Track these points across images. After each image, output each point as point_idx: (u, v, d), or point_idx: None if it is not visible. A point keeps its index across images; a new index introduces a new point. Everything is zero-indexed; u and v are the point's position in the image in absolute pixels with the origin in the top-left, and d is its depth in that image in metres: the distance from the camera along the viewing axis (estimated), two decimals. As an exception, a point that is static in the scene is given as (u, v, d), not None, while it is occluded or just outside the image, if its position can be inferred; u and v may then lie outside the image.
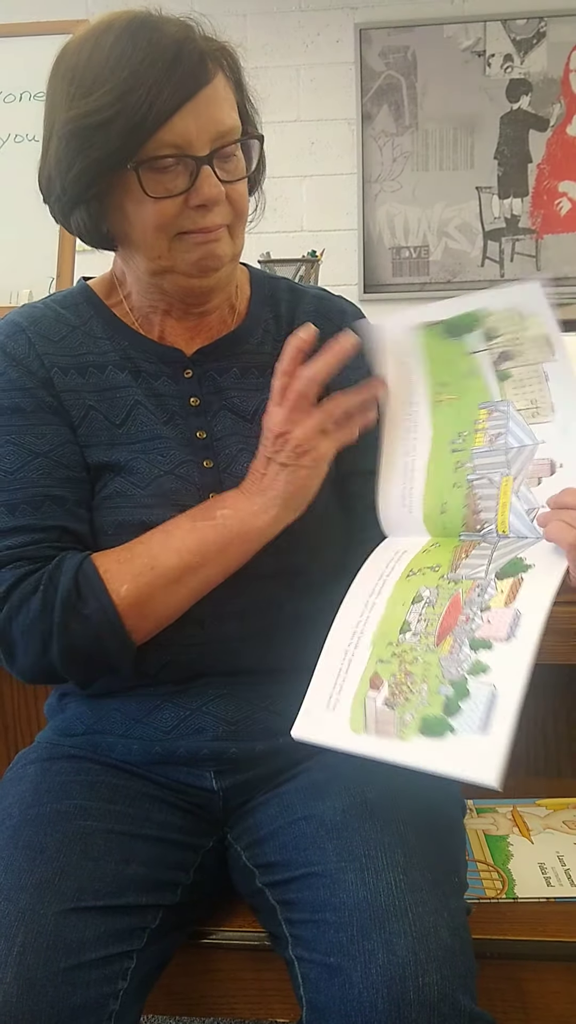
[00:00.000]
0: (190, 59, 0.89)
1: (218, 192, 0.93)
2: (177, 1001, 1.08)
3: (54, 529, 0.97)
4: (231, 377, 1.05)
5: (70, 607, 0.92)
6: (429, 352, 0.97)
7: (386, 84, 3.68)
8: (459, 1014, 0.80)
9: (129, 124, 0.88)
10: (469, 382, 0.94)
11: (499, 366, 0.92)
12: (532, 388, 0.91)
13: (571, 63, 3.59)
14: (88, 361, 1.02)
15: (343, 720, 0.86)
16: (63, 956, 0.84)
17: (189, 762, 1.03)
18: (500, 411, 0.92)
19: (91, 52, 0.90)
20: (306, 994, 0.85)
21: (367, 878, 0.86)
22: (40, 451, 0.98)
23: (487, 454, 0.92)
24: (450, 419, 0.95)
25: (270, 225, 4.45)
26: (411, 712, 0.82)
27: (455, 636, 0.84)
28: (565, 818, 1.25)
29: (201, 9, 0.97)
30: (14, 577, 0.94)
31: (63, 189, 0.94)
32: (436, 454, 0.96)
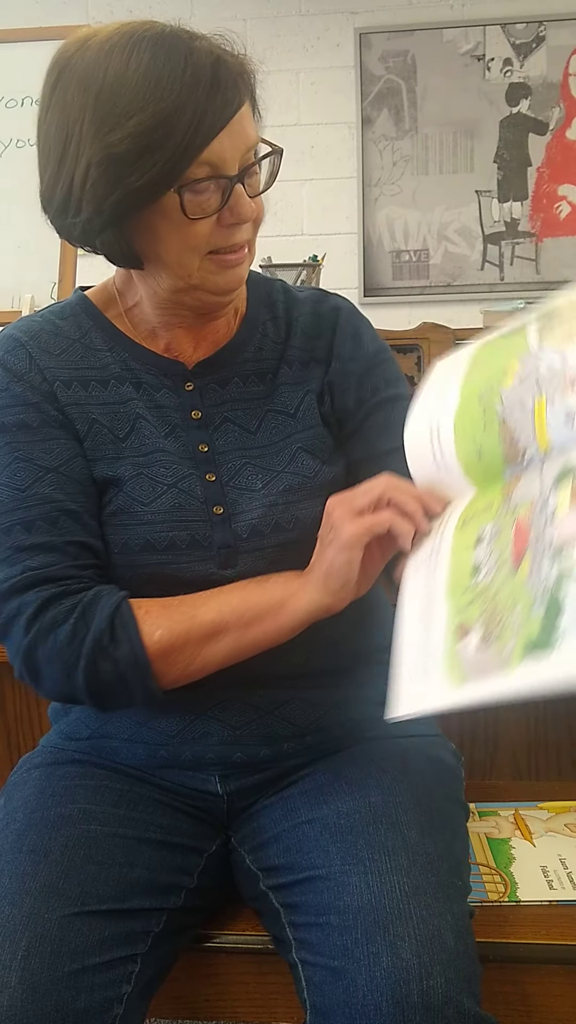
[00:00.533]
0: (227, 80, 0.88)
1: (251, 210, 0.94)
2: (180, 1005, 1.08)
3: (73, 545, 0.96)
4: (233, 388, 1.04)
5: (101, 648, 0.90)
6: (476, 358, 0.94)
7: (386, 88, 3.69)
8: (463, 1017, 0.80)
9: (178, 149, 0.87)
10: (507, 346, 0.91)
11: (544, 328, 0.88)
12: (571, 325, 0.87)
13: (570, 67, 3.60)
14: (90, 375, 1.01)
15: (439, 680, 0.80)
16: (67, 960, 0.84)
17: (194, 767, 1.03)
18: (532, 355, 0.88)
19: (122, 70, 0.87)
20: (310, 997, 0.86)
21: (371, 881, 0.86)
22: (51, 466, 0.97)
23: (516, 389, 0.88)
24: (480, 379, 0.92)
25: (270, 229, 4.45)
26: (511, 640, 0.76)
27: (531, 555, 0.79)
28: (567, 821, 1.26)
29: (201, 14, 0.98)
30: (40, 600, 0.92)
31: (96, 212, 0.90)
32: (464, 405, 0.92)
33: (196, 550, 0.98)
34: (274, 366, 1.06)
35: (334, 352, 1.07)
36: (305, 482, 1.01)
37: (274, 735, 1.02)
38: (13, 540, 0.94)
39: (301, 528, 0.99)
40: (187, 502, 0.99)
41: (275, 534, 0.99)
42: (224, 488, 1.00)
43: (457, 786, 1.07)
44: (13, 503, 0.95)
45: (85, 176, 0.89)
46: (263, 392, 1.04)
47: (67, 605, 0.92)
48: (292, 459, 1.02)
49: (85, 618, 0.91)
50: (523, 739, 1.49)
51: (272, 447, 1.02)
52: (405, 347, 1.83)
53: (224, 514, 0.99)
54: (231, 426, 1.03)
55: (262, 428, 1.03)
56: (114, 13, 3.48)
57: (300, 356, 1.06)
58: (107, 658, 0.91)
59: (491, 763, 1.50)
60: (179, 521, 0.98)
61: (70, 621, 0.91)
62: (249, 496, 1.00)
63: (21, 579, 0.93)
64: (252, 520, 0.98)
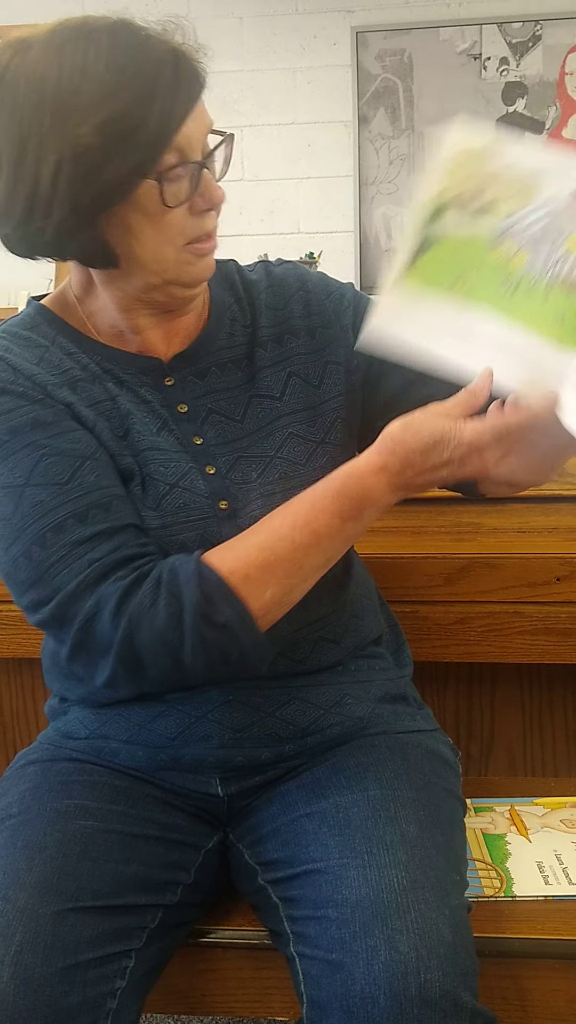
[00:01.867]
0: (188, 64, 0.88)
1: (220, 194, 0.93)
2: (176, 1000, 1.08)
3: (130, 528, 0.92)
4: (212, 378, 1.02)
5: (203, 617, 0.87)
6: (422, 285, 0.93)
7: (382, 87, 3.68)
8: (460, 1011, 0.80)
9: (152, 136, 0.85)
10: (468, 250, 0.91)
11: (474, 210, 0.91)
12: (508, 188, 0.89)
13: (567, 66, 3.60)
14: (74, 375, 0.98)
15: None
16: (61, 956, 0.84)
17: (194, 769, 1.03)
18: (508, 228, 0.90)
19: (80, 64, 0.84)
20: (307, 990, 0.86)
21: (369, 875, 0.86)
22: (85, 454, 0.93)
23: (536, 257, 0.89)
24: (485, 286, 0.91)
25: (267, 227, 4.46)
26: None
27: None
28: (562, 817, 1.26)
29: (199, 12, 0.98)
30: (119, 591, 0.88)
31: (73, 211, 0.86)
32: (507, 310, 0.91)
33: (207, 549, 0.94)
34: (248, 350, 1.04)
35: (321, 320, 1.05)
36: (298, 469, 1.00)
37: (275, 737, 1.02)
38: (68, 536, 0.89)
39: None
40: (193, 500, 0.97)
41: None
42: (225, 481, 0.99)
43: (455, 781, 1.07)
44: (58, 498, 0.90)
45: (56, 174, 0.85)
46: (243, 379, 1.03)
47: (148, 588, 0.88)
48: (283, 444, 1.01)
49: (174, 595, 0.87)
50: (519, 735, 1.49)
51: (260, 432, 1.01)
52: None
53: (229, 509, 0.98)
54: (217, 417, 1.01)
55: (248, 415, 1.01)
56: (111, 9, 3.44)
57: (272, 334, 1.04)
58: (212, 626, 0.87)
59: (487, 759, 1.50)
60: (187, 522, 0.96)
61: (160, 604, 0.87)
62: (247, 488, 0.99)
63: (89, 573, 0.88)
64: (254, 513, 0.97)
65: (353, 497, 0.90)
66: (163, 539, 0.95)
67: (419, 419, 0.89)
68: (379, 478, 0.90)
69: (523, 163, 0.89)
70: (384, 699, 1.09)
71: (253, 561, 0.89)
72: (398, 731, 1.07)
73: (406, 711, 1.10)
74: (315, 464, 1.01)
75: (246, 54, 3.74)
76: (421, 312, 0.93)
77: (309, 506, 0.91)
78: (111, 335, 1.01)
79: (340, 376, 1.04)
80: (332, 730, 1.04)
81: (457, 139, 0.92)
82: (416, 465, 0.88)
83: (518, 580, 1.32)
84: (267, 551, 0.90)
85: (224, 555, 0.90)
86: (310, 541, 0.90)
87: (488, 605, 1.33)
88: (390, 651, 1.15)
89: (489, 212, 0.90)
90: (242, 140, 3.76)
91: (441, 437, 0.87)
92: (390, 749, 1.03)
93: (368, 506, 0.91)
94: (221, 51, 4.08)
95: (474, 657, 1.36)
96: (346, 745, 1.04)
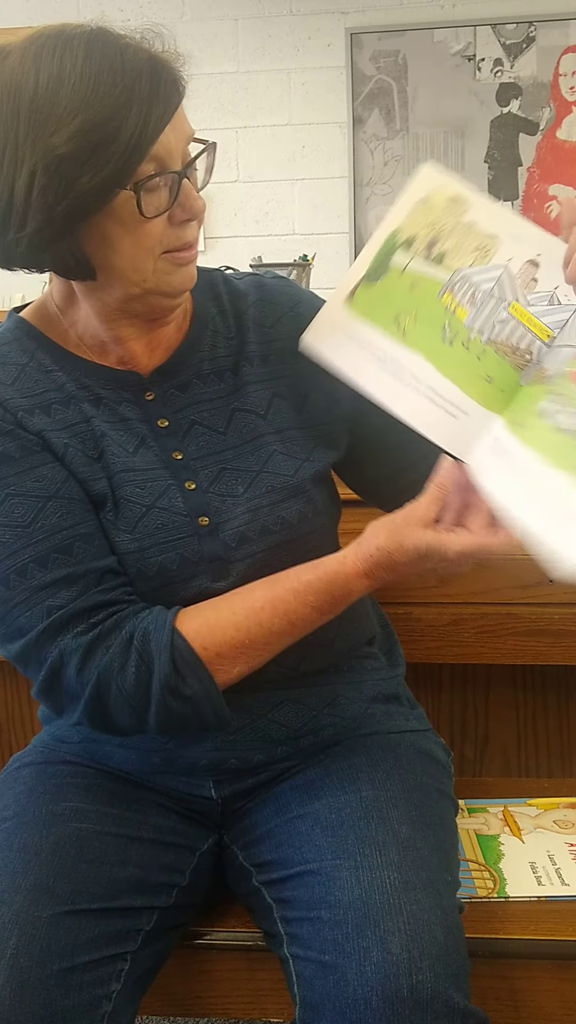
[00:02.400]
0: (166, 72, 0.87)
1: (200, 204, 0.91)
2: (171, 1002, 1.08)
3: (95, 572, 0.92)
4: (194, 390, 1.01)
5: (170, 689, 0.90)
6: (366, 311, 0.95)
7: (377, 88, 3.69)
8: (452, 1011, 0.80)
9: (128, 145, 0.84)
10: (416, 292, 0.94)
11: (430, 256, 0.94)
12: (467, 242, 0.92)
13: (560, 67, 3.61)
14: (49, 397, 0.96)
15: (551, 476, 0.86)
16: (56, 959, 0.85)
17: (188, 772, 1.03)
18: (458, 280, 0.93)
19: (56, 72, 0.83)
20: (300, 991, 0.86)
21: (362, 876, 0.87)
22: (49, 494, 0.92)
23: (478, 314, 0.92)
24: (424, 329, 0.94)
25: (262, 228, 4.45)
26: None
27: None
28: (555, 818, 1.26)
29: (193, 14, 0.97)
30: (82, 646, 0.89)
31: (47, 222, 0.85)
32: (439, 358, 0.94)
33: (187, 568, 0.96)
34: (232, 362, 1.03)
35: None
36: (286, 481, 0.99)
37: (268, 739, 1.02)
38: (29, 580, 0.90)
39: (288, 528, 0.98)
40: (171, 520, 0.96)
41: (263, 538, 0.97)
42: (206, 496, 0.98)
43: (447, 781, 1.08)
44: (19, 542, 0.91)
45: (30, 184, 0.84)
46: (226, 390, 1.02)
47: (116, 647, 0.90)
48: (269, 458, 1.00)
49: (145, 661, 0.90)
50: (513, 737, 1.50)
51: (245, 447, 1.00)
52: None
53: (210, 525, 0.97)
54: (200, 428, 1.00)
55: (231, 427, 1.01)
56: (105, 12, 3.44)
57: (259, 351, 1.03)
58: (179, 697, 0.91)
59: (481, 760, 1.51)
60: (166, 543, 0.95)
61: (129, 668, 0.90)
62: (232, 502, 0.98)
63: (49, 623, 0.90)
64: (239, 527, 0.97)
65: (336, 596, 0.94)
66: (139, 562, 0.95)
67: (404, 532, 0.90)
68: (362, 582, 0.93)
69: (485, 223, 0.93)
70: (377, 699, 1.09)
71: (228, 641, 0.92)
72: (391, 731, 1.07)
73: (399, 711, 1.11)
74: (303, 476, 1.00)
75: (241, 56, 3.74)
76: (358, 336, 0.95)
77: (292, 596, 0.93)
78: (92, 346, 1.00)
79: (322, 404, 1.04)
80: (325, 731, 1.04)
81: (426, 183, 0.94)
82: (400, 573, 0.92)
83: (511, 581, 1.33)
84: (243, 633, 0.92)
85: (199, 628, 0.92)
86: (286, 629, 0.94)
87: (481, 607, 1.34)
88: (382, 651, 1.15)
89: (442, 262, 0.93)
90: (237, 142, 3.77)
91: (427, 551, 0.89)
92: (383, 750, 1.03)
93: (347, 602, 0.95)
94: (216, 53, 4.11)
95: (467, 658, 1.36)
96: (339, 746, 1.04)
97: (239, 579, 0.96)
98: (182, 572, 0.96)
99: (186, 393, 1.01)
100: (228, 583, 0.96)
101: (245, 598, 0.94)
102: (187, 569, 0.96)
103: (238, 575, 0.97)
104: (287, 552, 0.97)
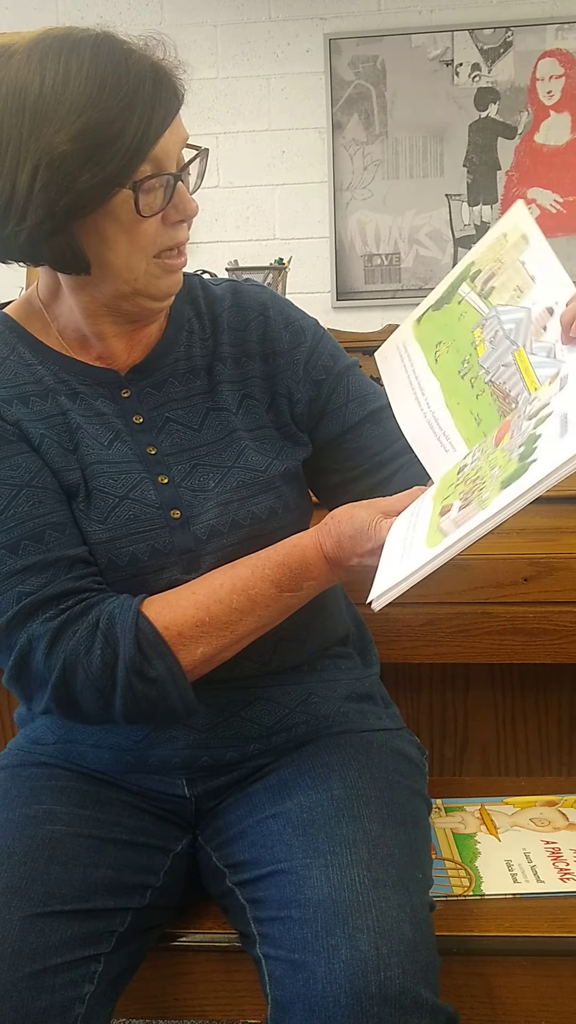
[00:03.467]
0: (167, 79, 0.90)
1: (194, 206, 0.95)
2: (147, 1004, 1.08)
3: (65, 560, 0.93)
4: (169, 388, 1.03)
5: (136, 671, 0.90)
6: (422, 335, 0.99)
7: (356, 93, 3.70)
8: (420, 1007, 0.80)
9: (130, 146, 0.87)
10: (461, 322, 0.96)
11: (483, 289, 0.94)
12: (513, 280, 0.92)
13: (537, 72, 3.63)
14: (28, 390, 0.99)
15: (419, 551, 0.80)
16: (28, 961, 0.85)
17: (161, 770, 1.03)
18: (491, 317, 0.93)
19: (62, 73, 0.86)
20: (272, 991, 0.86)
21: (332, 874, 0.87)
22: (22, 482, 0.94)
23: (491, 353, 0.93)
24: (451, 359, 0.96)
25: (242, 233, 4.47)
26: (488, 489, 0.78)
27: (512, 430, 0.83)
28: (532, 816, 1.27)
29: (173, 20, 0.99)
30: (50, 631, 0.90)
31: (48, 216, 0.88)
32: (450, 390, 0.96)
33: (158, 559, 0.97)
34: (207, 362, 1.05)
35: (274, 348, 1.06)
36: (257, 476, 1.02)
37: (241, 736, 1.03)
38: (0, 567, 0.92)
39: (258, 523, 1.00)
40: (143, 511, 0.98)
41: (233, 532, 0.99)
42: (178, 490, 1.00)
43: (420, 779, 1.08)
44: None
45: (32, 179, 0.87)
46: (201, 388, 1.04)
47: (83, 631, 0.91)
48: (241, 454, 1.02)
49: (111, 644, 0.90)
50: (492, 736, 1.50)
51: (218, 443, 1.02)
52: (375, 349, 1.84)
53: (182, 518, 0.99)
54: (174, 425, 1.02)
55: (205, 425, 1.03)
56: (85, 18, 3.48)
57: (232, 352, 1.06)
58: (144, 679, 0.91)
59: (461, 760, 1.51)
60: (137, 533, 0.97)
61: (96, 650, 0.90)
62: (204, 496, 1.00)
63: (18, 609, 0.91)
64: (210, 521, 0.99)
65: (293, 568, 0.94)
66: (110, 552, 0.96)
67: (360, 506, 0.92)
68: (317, 554, 0.94)
69: (531, 264, 0.92)
70: (350, 698, 1.10)
71: (189, 619, 0.93)
72: (364, 729, 1.07)
73: (372, 710, 1.11)
74: (273, 472, 1.03)
75: (220, 61, 3.75)
76: (406, 355, 1.00)
77: (250, 571, 0.94)
78: (73, 340, 1.02)
79: (283, 406, 1.06)
80: (298, 729, 1.05)
81: (511, 220, 0.95)
82: (346, 549, 0.92)
83: (486, 581, 1.34)
84: (203, 610, 0.93)
85: (162, 609, 0.93)
86: (246, 606, 0.94)
87: (457, 606, 1.34)
88: (357, 650, 1.16)
89: (489, 296, 0.95)
90: (217, 147, 3.77)
91: (365, 527, 0.90)
92: (355, 748, 1.04)
93: (307, 579, 0.94)
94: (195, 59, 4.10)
95: (444, 658, 1.37)
96: (312, 745, 1.05)
97: (209, 571, 0.97)
98: (153, 563, 0.97)
99: (161, 391, 1.03)
100: (198, 575, 0.98)
101: (206, 578, 0.96)
102: (158, 560, 0.97)
103: (208, 568, 0.98)
104: (257, 546, 0.98)
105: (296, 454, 1.06)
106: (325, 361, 1.08)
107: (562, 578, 1.32)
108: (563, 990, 1.04)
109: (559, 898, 1.10)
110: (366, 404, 1.08)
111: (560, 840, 1.20)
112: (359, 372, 1.11)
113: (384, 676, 1.20)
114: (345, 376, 1.09)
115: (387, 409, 1.08)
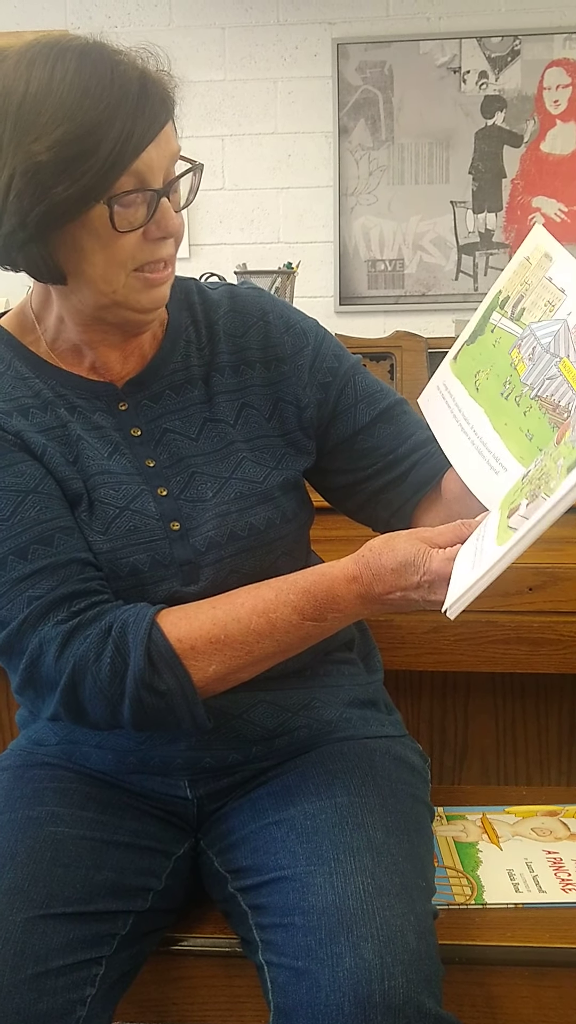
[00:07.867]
0: (155, 92, 0.88)
1: (177, 223, 0.93)
2: (148, 1008, 1.08)
3: (74, 563, 0.92)
4: (166, 400, 1.02)
5: (145, 684, 0.89)
6: (460, 370, 1.00)
7: (363, 98, 3.71)
8: (424, 1017, 0.80)
9: (107, 160, 0.85)
10: (497, 348, 0.95)
11: (514, 312, 0.94)
12: (542, 297, 0.91)
13: (545, 81, 3.64)
14: (27, 402, 0.97)
15: (490, 552, 0.80)
16: (31, 963, 0.85)
17: (163, 772, 1.03)
18: (526, 336, 0.92)
19: (46, 81, 0.85)
20: (274, 998, 0.86)
21: (336, 882, 0.87)
22: (28, 488, 0.93)
23: (533, 369, 0.91)
24: (492, 384, 0.96)
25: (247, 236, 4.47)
26: (555, 478, 0.78)
27: (572, 426, 0.82)
28: (533, 825, 1.27)
29: (180, 21, 0.98)
30: (61, 635, 0.89)
31: (20, 225, 0.87)
32: (495, 413, 0.95)
33: (158, 570, 0.97)
34: (203, 372, 1.04)
35: (276, 354, 1.05)
36: (255, 487, 1.01)
37: (243, 739, 1.03)
38: (10, 573, 0.91)
39: (256, 534, 0.99)
40: (143, 522, 0.97)
41: (232, 543, 0.98)
42: (178, 502, 0.99)
43: (423, 787, 1.08)
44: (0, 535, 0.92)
45: (8, 187, 0.86)
46: (198, 398, 1.03)
47: (94, 637, 0.90)
48: (239, 465, 1.01)
49: (121, 653, 0.89)
50: (492, 744, 1.50)
51: (216, 453, 1.01)
52: (378, 355, 1.85)
53: (181, 530, 0.98)
54: (172, 436, 1.01)
55: (203, 435, 1.02)
56: (92, 18, 3.47)
57: (230, 360, 1.04)
58: (153, 692, 0.90)
59: (461, 768, 1.51)
60: (137, 544, 0.96)
61: (106, 658, 0.89)
62: (202, 507, 0.99)
63: (30, 612, 0.90)
64: (208, 533, 0.98)
65: (318, 598, 0.91)
66: (112, 562, 0.95)
67: (400, 537, 0.90)
68: (349, 587, 0.91)
69: (559, 278, 0.91)
70: (353, 704, 1.10)
71: (204, 634, 0.91)
72: (366, 736, 1.07)
73: (375, 716, 1.11)
74: (271, 483, 1.02)
75: (227, 64, 3.75)
76: (447, 391, 1.01)
77: (274, 594, 0.92)
78: (66, 352, 1.01)
79: (290, 413, 1.05)
80: (300, 732, 1.05)
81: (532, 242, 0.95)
82: (387, 582, 0.89)
83: (491, 589, 1.32)
84: (220, 627, 0.91)
85: (178, 621, 0.92)
86: (265, 629, 0.92)
87: (461, 614, 1.34)
88: (360, 656, 1.16)
89: (521, 317, 0.94)
90: (223, 149, 3.77)
91: (412, 559, 0.87)
92: (358, 756, 1.03)
93: (333, 611, 0.92)
94: (202, 61, 4.12)
95: (447, 666, 1.37)
96: (315, 752, 1.05)
97: (208, 583, 0.97)
98: (153, 574, 0.96)
99: (158, 404, 1.02)
100: (198, 587, 0.97)
101: (229, 595, 0.94)
102: (158, 571, 0.97)
103: (207, 579, 0.97)
104: (255, 558, 0.98)
105: (297, 463, 1.05)
106: (330, 363, 1.07)
107: (567, 588, 1.32)
108: (564, 1001, 1.04)
109: (561, 909, 1.10)
110: (376, 403, 1.08)
111: (562, 850, 1.20)
112: (364, 370, 1.10)
113: (385, 682, 1.20)
114: (351, 376, 1.08)
115: (397, 406, 1.08)
